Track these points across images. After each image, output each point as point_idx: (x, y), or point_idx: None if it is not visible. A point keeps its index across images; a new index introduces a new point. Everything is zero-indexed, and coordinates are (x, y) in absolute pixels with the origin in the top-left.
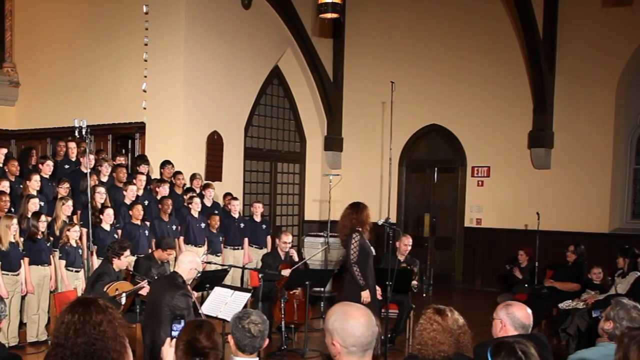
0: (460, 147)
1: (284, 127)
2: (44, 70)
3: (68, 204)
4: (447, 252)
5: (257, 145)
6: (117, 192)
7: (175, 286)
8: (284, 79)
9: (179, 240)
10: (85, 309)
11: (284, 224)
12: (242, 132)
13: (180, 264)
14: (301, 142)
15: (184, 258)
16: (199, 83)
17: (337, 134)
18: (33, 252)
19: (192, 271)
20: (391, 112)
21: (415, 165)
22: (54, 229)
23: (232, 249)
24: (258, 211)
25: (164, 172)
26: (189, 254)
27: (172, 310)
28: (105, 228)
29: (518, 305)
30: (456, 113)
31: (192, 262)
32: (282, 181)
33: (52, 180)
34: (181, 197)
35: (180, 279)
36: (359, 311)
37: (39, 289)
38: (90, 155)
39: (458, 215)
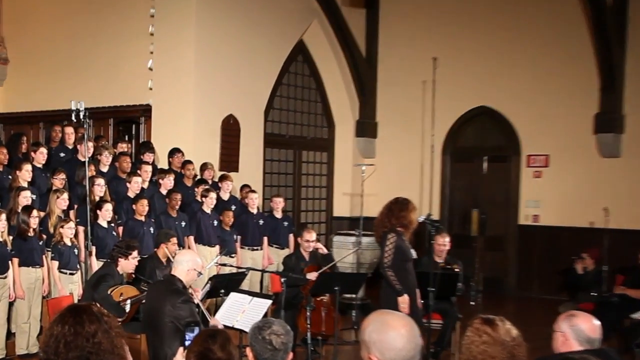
0: (514, 133)
1: (310, 111)
2: (36, 45)
3: (63, 197)
4: (498, 254)
5: (279, 131)
6: (119, 184)
7: (174, 293)
8: (309, 55)
9: (189, 240)
10: (77, 319)
11: (309, 220)
12: (262, 116)
13: (176, 265)
14: (329, 127)
15: (180, 258)
16: (213, 60)
17: (371, 118)
18: (23, 251)
19: (192, 272)
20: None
21: (461, 153)
22: (47, 226)
23: (250, 249)
24: (279, 206)
25: (172, 161)
26: (187, 252)
27: (174, 322)
28: (103, 225)
29: (583, 315)
30: (509, 93)
31: (190, 261)
32: (307, 172)
33: (45, 170)
34: (191, 189)
35: (180, 283)
36: (400, 321)
37: (29, 294)
38: (89, 142)
39: (511, 211)
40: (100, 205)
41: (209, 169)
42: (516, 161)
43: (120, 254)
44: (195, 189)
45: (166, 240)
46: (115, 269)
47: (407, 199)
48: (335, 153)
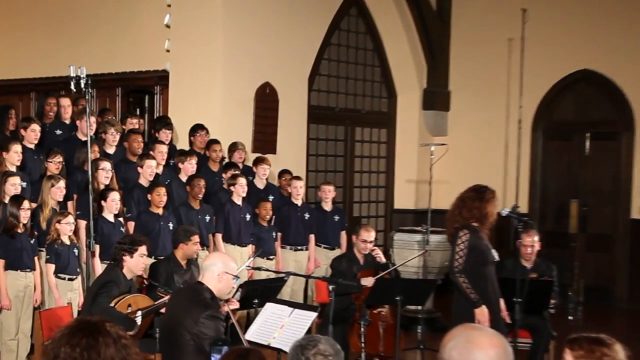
0: (626, 103)
1: (365, 77)
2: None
3: (59, 186)
4: (604, 256)
5: (327, 102)
6: (128, 168)
7: (199, 304)
8: (365, 8)
9: (215, 238)
10: (90, 340)
11: (364, 214)
12: (306, 84)
13: (204, 271)
14: (390, 97)
15: (208, 261)
16: (245, 15)
17: (442, 86)
18: (10, 252)
19: (225, 279)
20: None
21: (556, 129)
22: (40, 220)
23: (292, 250)
24: (329, 196)
25: (194, 140)
26: (217, 254)
27: (195, 340)
28: (108, 219)
29: None
30: (618, 54)
31: (220, 264)
32: (362, 154)
33: (38, 151)
34: (218, 175)
35: (208, 293)
36: (490, 339)
37: (17, 304)
38: (92, 118)
39: (621, 202)
40: (106, 195)
41: (239, 150)
42: (628, 138)
43: (124, 251)
44: (222, 174)
45: (186, 239)
46: (120, 272)
47: (485, 186)
48: (397, 130)
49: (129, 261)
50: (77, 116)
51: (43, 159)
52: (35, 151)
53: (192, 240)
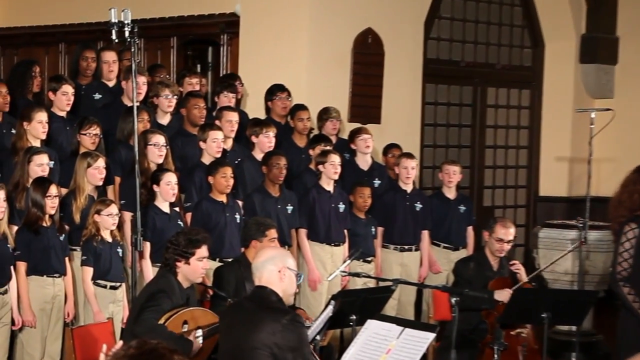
0: None
1: (502, 21)
2: None
3: (98, 166)
4: None
5: (449, 55)
6: (187, 143)
7: (273, 310)
8: None
9: (299, 234)
10: None
11: (498, 203)
12: (421, 30)
13: (260, 271)
14: (535, 47)
15: (263, 258)
16: None
17: (607, 31)
18: (34, 252)
19: (286, 275)
20: None
21: None
22: (72, 211)
23: (399, 250)
24: (452, 180)
25: (272, 106)
26: (269, 249)
27: (276, 352)
28: (162, 209)
29: None
30: None
31: (274, 259)
32: (496, 123)
33: (70, 121)
34: (304, 152)
35: (274, 296)
36: None
37: (44, 319)
38: (140, 77)
39: None
40: (159, 178)
41: (332, 119)
42: None
43: (177, 255)
44: (309, 151)
45: (260, 235)
46: (174, 280)
47: None
48: (544, 91)
49: (185, 268)
50: (122, 75)
51: (76, 130)
52: (67, 120)
53: (268, 236)
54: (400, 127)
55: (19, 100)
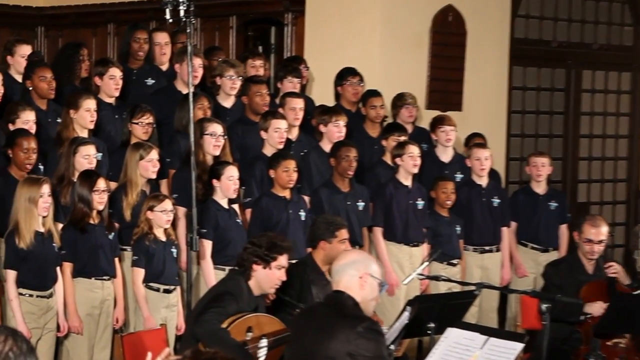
0: None
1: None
2: None
3: (151, 157)
4: None
5: (539, 34)
6: (248, 132)
7: (349, 317)
8: None
9: (373, 233)
10: None
11: (594, 199)
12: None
13: (339, 275)
14: (636, 25)
15: (345, 261)
16: None
17: None
18: (81, 251)
19: (368, 283)
20: None
21: None
22: (123, 207)
23: (479, 252)
24: (542, 173)
25: (342, 92)
26: (353, 253)
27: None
28: (221, 205)
29: None
30: None
31: (357, 263)
32: (592, 109)
33: (119, 108)
34: (377, 143)
35: (352, 302)
36: None
37: (91, 325)
38: (196, 59)
39: None
40: (220, 172)
41: (408, 106)
42: None
43: (257, 256)
44: (383, 141)
45: (329, 235)
46: (245, 284)
47: None
48: None
49: (260, 272)
50: (176, 58)
51: (127, 119)
52: (116, 108)
53: (338, 237)
54: (484, 115)
55: (65, 87)
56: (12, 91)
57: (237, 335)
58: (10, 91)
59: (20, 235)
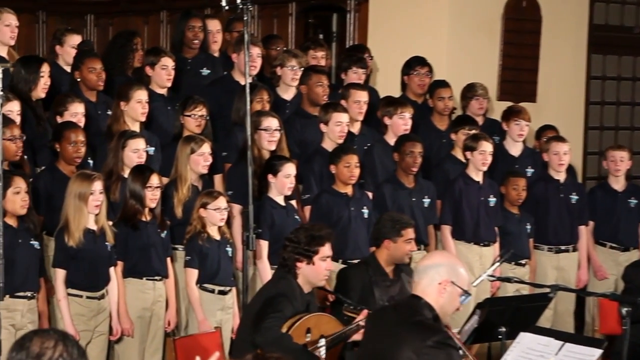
0: None
1: None
2: None
3: (203, 151)
4: None
5: (620, 20)
6: (306, 125)
7: (420, 327)
8: None
9: (441, 231)
10: None
11: None
12: None
13: (420, 277)
14: None
15: (428, 263)
16: None
17: None
18: (132, 250)
19: (447, 290)
20: None
21: None
22: (174, 204)
23: (554, 252)
24: (620, 168)
25: (409, 83)
26: (440, 255)
27: None
28: (277, 202)
29: None
30: None
31: (446, 270)
32: None
33: (171, 100)
34: (445, 136)
35: (428, 310)
36: None
37: (142, 328)
38: (254, 48)
39: None
40: (275, 167)
41: (478, 98)
42: None
43: (298, 254)
44: (452, 135)
45: (394, 234)
46: (294, 282)
47: None
48: None
49: (305, 268)
50: (233, 48)
51: (179, 111)
52: (168, 99)
53: (404, 236)
54: (560, 106)
55: (116, 78)
56: (61, 82)
57: (298, 338)
58: (58, 82)
59: (69, 233)
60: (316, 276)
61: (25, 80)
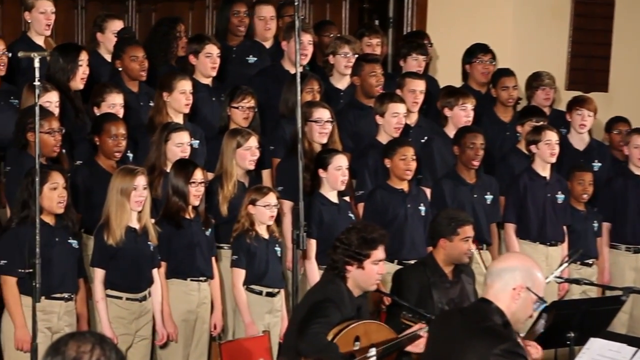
0: None
1: None
2: None
3: (250, 145)
4: None
5: None
6: (360, 117)
7: (488, 334)
8: None
9: (505, 230)
10: None
11: None
12: None
13: (493, 280)
14: None
15: (503, 265)
16: None
17: None
18: (175, 250)
19: (521, 296)
20: None
21: None
22: (219, 201)
23: (634, 252)
24: None
25: (471, 71)
26: (516, 257)
27: None
28: (330, 199)
29: None
30: None
31: (522, 275)
32: None
33: (216, 90)
34: (509, 128)
35: (498, 316)
36: None
37: (187, 332)
38: (305, 35)
39: None
40: (327, 161)
41: (544, 87)
42: None
43: (348, 257)
44: (518, 127)
45: (451, 233)
46: (344, 286)
47: None
48: None
49: (356, 272)
50: (284, 35)
51: (225, 102)
52: (213, 90)
53: (461, 234)
54: (634, 96)
55: (158, 68)
56: (101, 73)
57: (344, 346)
58: (98, 73)
59: (109, 231)
60: (367, 280)
61: (62, 70)
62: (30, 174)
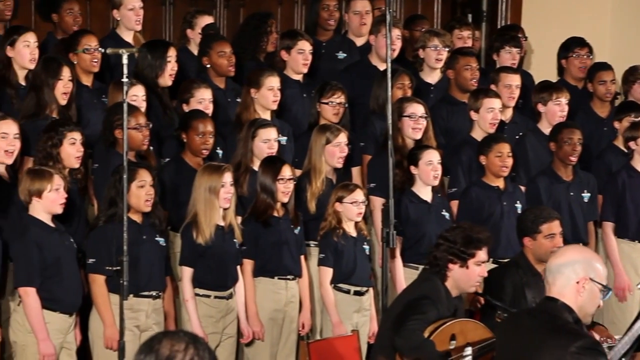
0: None
1: None
2: None
3: (339, 141)
4: None
5: None
6: (454, 113)
7: (562, 332)
8: None
9: (603, 229)
10: None
11: None
12: None
13: (554, 276)
14: None
15: (561, 260)
16: None
17: None
18: (264, 248)
19: (586, 288)
20: None
21: None
22: (307, 198)
23: None
24: None
25: (567, 65)
26: (573, 250)
27: None
28: (421, 196)
29: None
30: None
31: (582, 266)
32: None
33: (307, 86)
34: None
35: (567, 313)
36: None
37: (274, 331)
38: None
39: None
40: (418, 156)
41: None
42: None
43: (452, 254)
44: (615, 123)
45: (532, 230)
46: (442, 285)
47: None
48: None
49: (458, 271)
50: (372, 29)
51: (316, 98)
52: (304, 86)
53: (543, 232)
54: None
55: (247, 64)
56: (189, 70)
57: (440, 344)
58: (186, 70)
59: (199, 230)
60: (467, 281)
61: (151, 66)
62: (117, 172)
